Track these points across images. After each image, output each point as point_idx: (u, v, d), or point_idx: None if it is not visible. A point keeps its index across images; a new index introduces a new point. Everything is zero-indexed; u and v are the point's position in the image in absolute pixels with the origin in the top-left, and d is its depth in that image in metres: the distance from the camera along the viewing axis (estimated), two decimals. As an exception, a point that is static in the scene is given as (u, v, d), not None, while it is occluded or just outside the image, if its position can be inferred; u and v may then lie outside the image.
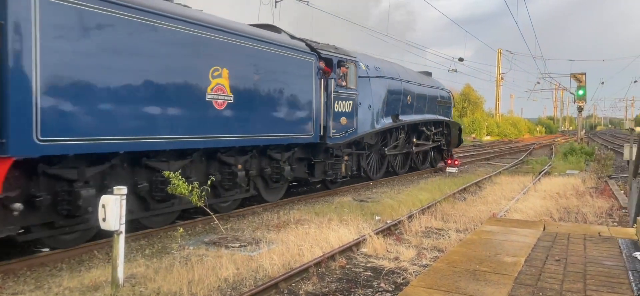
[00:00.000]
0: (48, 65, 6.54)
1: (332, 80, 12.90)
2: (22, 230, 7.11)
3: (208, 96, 9.15)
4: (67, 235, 7.69)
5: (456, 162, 20.18)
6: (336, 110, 13.18)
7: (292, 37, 12.40)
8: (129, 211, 6.91)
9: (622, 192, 13.89)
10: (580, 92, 33.03)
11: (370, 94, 15.29)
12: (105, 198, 6.03)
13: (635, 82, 64.36)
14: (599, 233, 6.33)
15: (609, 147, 37.46)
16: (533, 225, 6.96)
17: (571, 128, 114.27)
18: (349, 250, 7.80)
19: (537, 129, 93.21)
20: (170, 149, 8.76)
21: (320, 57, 12.54)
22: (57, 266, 7.16)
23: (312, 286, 6.27)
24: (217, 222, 9.44)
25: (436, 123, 21.19)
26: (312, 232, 8.67)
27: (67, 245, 7.70)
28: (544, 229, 6.50)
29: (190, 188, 8.09)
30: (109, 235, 6.99)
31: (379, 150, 17.02)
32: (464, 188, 15.31)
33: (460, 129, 24.18)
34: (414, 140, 19.29)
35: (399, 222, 9.79)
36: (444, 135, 21.90)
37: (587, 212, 11.13)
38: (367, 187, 16.31)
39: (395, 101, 17.12)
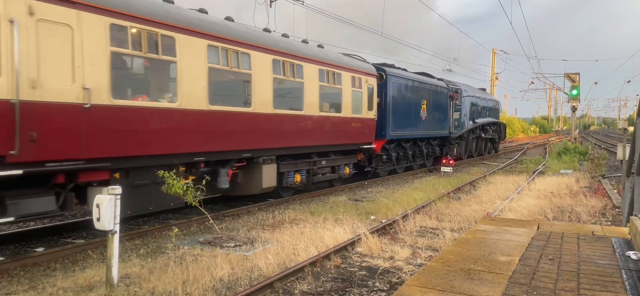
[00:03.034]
0: (393, 103, 18.14)
1: (454, 101, 24.71)
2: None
3: (420, 113, 20.70)
4: (381, 171, 18.65)
5: (451, 162, 20.27)
6: (454, 118, 24.87)
7: (439, 79, 24.31)
8: (405, 158, 20.54)
9: (616, 191, 13.96)
10: (574, 92, 33.18)
11: (464, 107, 26.37)
12: (99, 198, 6.01)
13: (628, 82, 64.89)
14: (592, 232, 6.36)
15: (603, 146, 37.64)
16: (527, 224, 6.99)
17: (565, 128, 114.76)
18: (344, 249, 7.81)
19: (531, 129, 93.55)
20: (411, 138, 20.29)
21: (449, 89, 24.29)
22: (51, 266, 7.13)
23: (307, 286, 6.27)
24: (212, 221, 9.43)
25: (493, 124, 33.11)
26: (307, 232, 8.67)
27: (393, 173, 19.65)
28: (538, 228, 6.53)
29: (184, 187, 8.19)
30: (103, 234, 6.97)
31: (474, 139, 29.30)
32: (459, 188, 15.36)
33: (505, 127, 38.64)
34: (482, 135, 31.00)
35: (394, 222, 9.81)
36: (497, 131, 34.15)
37: (580, 211, 11.18)
38: (363, 187, 16.34)
39: (473, 110, 28.50)
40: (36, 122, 6.77)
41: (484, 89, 34.37)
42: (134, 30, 8.17)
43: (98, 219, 5.99)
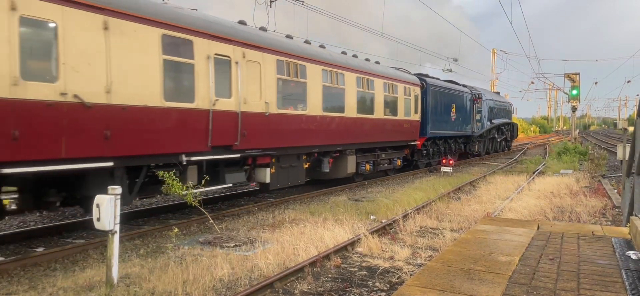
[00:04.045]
0: (431, 106, 21.55)
1: (476, 105, 27.78)
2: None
3: (451, 115, 23.93)
4: (421, 164, 22.02)
5: (451, 162, 20.27)
6: (476, 119, 27.92)
7: (463, 85, 27.34)
8: (438, 153, 23.71)
9: (616, 191, 13.96)
10: (574, 92, 33.20)
11: (483, 109, 29.58)
12: (99, 198, 6.01)
13: (628, 82, 64.81)
14: (592, 232, 6.36)
15: (603, 146, 37.62)
16: (527, 224, 6.99)
17: (565, 128, 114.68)
18: (344, 249, 7.80)
19: (531, 129, 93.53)
20: (444, 136, 23.60)
21: (472, 94, 27.39)
22: (51, 266, 7.13)
23: (307, 286, 6.27)
24: (212, 221, 9.44)
25: (507, 124, 36.69)
26: (307, 232, 8.66)
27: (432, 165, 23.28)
28: (538, 228, 6.53)
29: (184, 188, 8.22)
30: (102, 234, 6.97)
31: (490, 139, 32.73)
32: (459, 188, 15.35)
33: (517, 127, 43.18)
34: (498, 134, 34.62)
35: (394, 222, 9.80)
36: (510, 131, 37.90)
37: (580, 211, 11.18)
38: (363, 187, 16.34)
39: (490, 112, 31.72)
40: (245, 125, 10.54)
41: (498, 93, 39.49)
42: (287, 63, 12.03)
43: (98, 219, 5.99)
